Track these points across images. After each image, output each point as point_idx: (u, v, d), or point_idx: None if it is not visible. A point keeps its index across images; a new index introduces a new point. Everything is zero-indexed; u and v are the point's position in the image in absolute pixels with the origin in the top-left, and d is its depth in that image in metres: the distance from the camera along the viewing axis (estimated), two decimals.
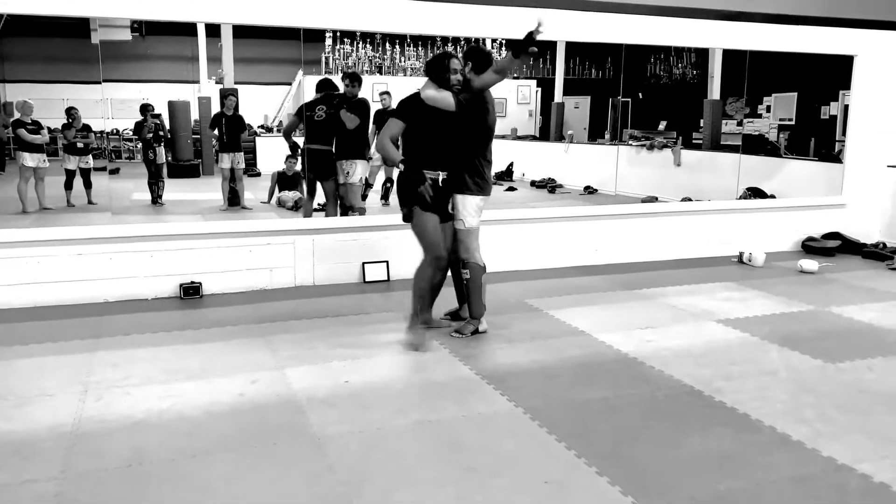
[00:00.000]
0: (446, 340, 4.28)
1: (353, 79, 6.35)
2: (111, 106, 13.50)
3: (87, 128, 10.48)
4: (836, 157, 9.43)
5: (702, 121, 12.76)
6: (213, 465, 2.82)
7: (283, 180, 9.67)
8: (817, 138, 11.26)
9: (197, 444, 2.97)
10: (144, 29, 14.79)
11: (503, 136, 16.62)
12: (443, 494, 2.59)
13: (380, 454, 2.90)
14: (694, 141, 12.80)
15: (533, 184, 13.88)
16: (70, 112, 10.06)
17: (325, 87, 6.73)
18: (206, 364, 3.88)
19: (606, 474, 2.73)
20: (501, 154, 15.87)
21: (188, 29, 12.26)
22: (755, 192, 9.38)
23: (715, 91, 12.40)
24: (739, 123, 12.33)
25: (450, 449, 2.95)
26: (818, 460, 2.88)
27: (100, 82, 10.40)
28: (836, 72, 8.21)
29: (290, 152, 9.73)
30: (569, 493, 2.62)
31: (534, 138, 16.27)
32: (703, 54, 13.27)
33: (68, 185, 10.20)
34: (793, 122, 12.71)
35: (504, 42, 4.47)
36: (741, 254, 6.64)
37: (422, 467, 2.79)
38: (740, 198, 9.01)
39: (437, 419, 3.22)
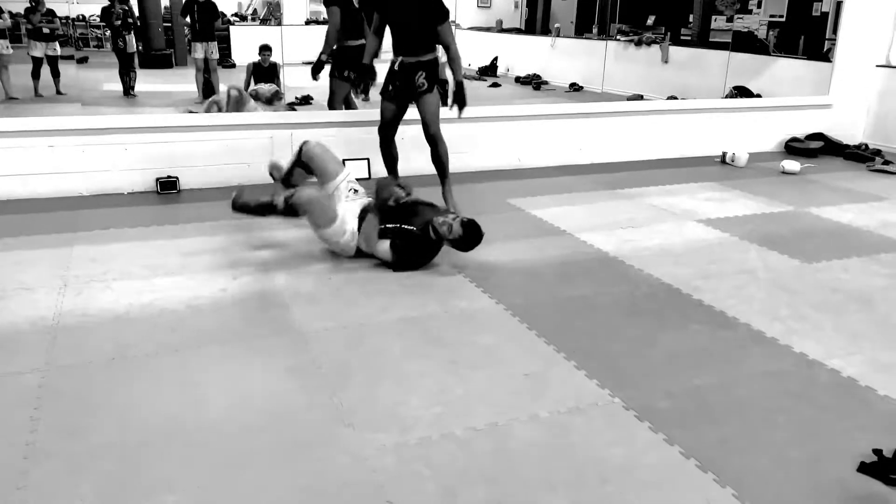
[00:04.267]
0: None
1: None
2: None
3: (51, 13, 9.99)
4: (824, 56, 9.28)
5: (691, 16, 12.41)
6: (197, 359, 2.84)
7: (259, 72, 9.33)
8: (807, 36, 11.04)
9: (180, 339, 2.98)
10: None
11: (488, 29, 16.14)
12: (425, 387, 2.64)
13: (363, 349, 2.93)
14: (682, 37, 12.49)
15: (518, 80, 13.58)
16: None
17: None
18: (186, 259, 3.85)
19: (585, 368, 2.80)
20: (485, 48, 15.47)
21: None
22: (742, 91, 9.28)
23: None
24: (730, 20, 12.01)
25: (432, 344, 2.99)
26: (790, 356, 2.97)
27: None
28: None
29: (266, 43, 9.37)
30: (547, 384, 2.68)
31: (519, 31, 15.78)
32: None
33: (35, 74, 9.84)
34: (783, 19, 12.38)
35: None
36: (724, 154, 6.61)
37: (404, 361, 2.84)
38: (727, 96, 8.91)
39: (419, 316, 3.26)
